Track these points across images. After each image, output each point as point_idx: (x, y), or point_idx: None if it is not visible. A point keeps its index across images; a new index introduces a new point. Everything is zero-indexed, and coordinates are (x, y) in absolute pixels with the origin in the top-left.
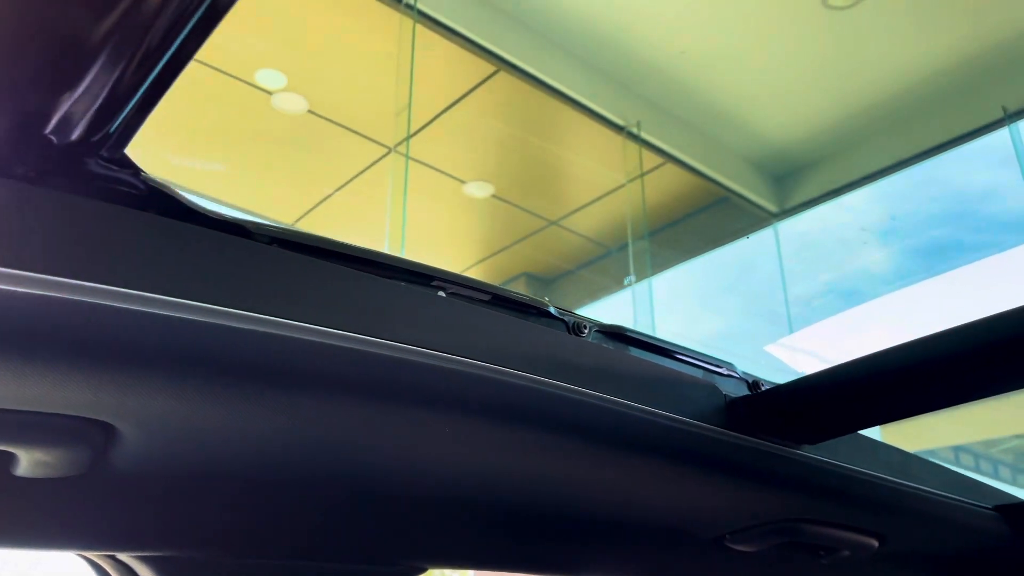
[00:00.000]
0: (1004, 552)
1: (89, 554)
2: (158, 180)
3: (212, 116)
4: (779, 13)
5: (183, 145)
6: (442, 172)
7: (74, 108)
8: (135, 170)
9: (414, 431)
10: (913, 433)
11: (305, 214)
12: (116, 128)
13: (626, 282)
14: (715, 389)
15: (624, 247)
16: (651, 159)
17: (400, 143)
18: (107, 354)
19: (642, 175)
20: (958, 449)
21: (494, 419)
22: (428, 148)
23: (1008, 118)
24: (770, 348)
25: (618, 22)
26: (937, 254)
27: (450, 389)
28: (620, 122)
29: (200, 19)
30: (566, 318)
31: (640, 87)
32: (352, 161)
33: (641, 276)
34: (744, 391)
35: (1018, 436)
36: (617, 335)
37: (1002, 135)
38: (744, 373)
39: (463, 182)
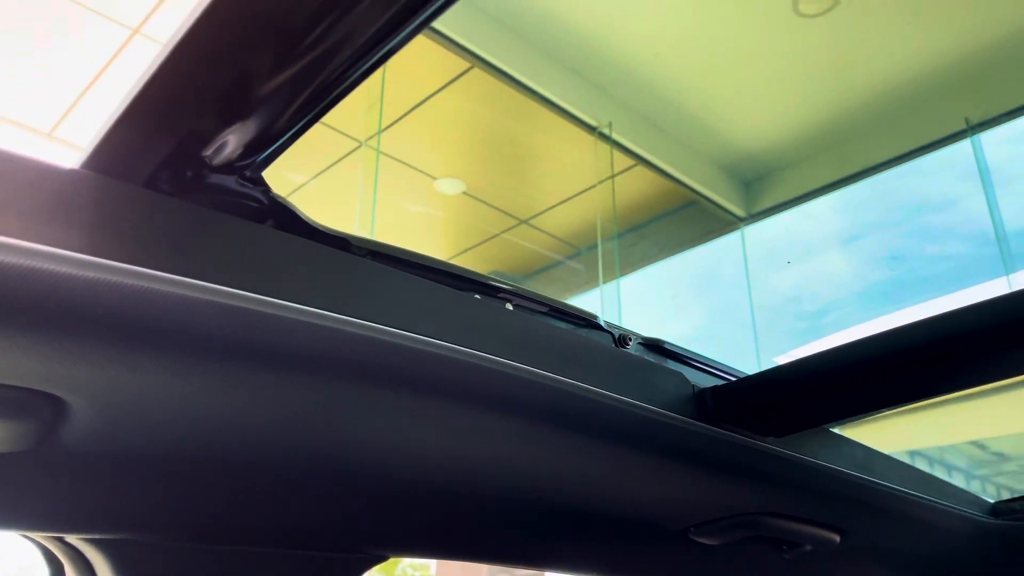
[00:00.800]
0: (965, 551)
1: (35, 535)
2: (282, 198)
3: None
4: (751, 20)
5: None
6: (413, 168)
7: (234, 135)
8: (265, 188)
9: (377, 415)
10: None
11: None
12: (265, 155)
13: (579, 267)
14: (683, 379)
15: (594, 247)
16: (622, 160)
17: (371, 137)
18: (56, 321)
19: (613, 176)
20: (914, 453)
21: (467, 407)
22: (400, 143)
23: (970, 129)
24: (735, 350)
25: (593, 23)
26: (896, 263)
27: (427, 375)
28: (592, 123)
29: (366, 64)
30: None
31: (613, 89)
32: (322, 154)
33: (609, 277)
34: (710, 382)
35: (971, 442)
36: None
37: (964, 146)
38: (711, 365)
39: (434, 178)
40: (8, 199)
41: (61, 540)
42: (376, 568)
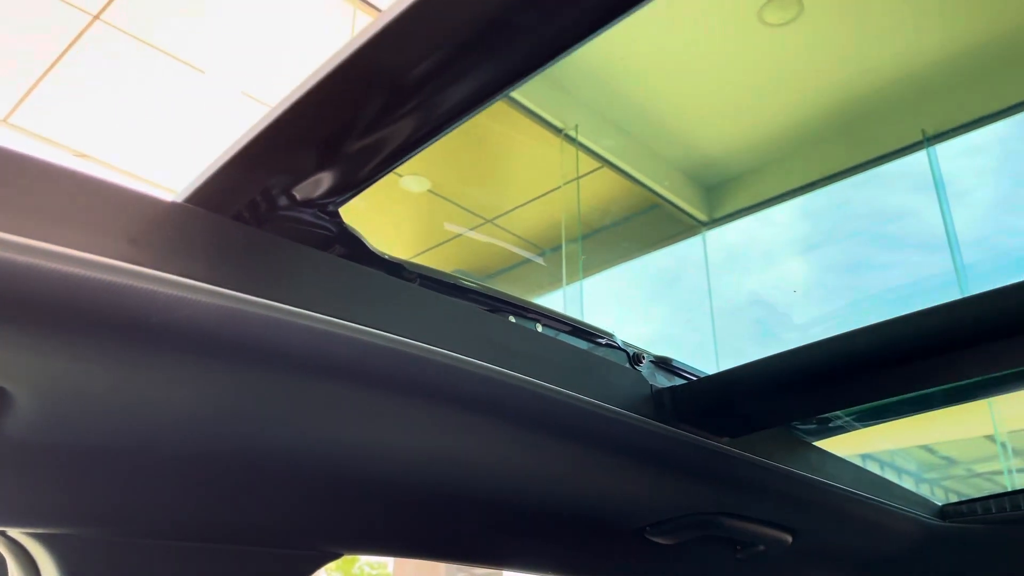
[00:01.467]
0: (914, 552)
1: None
2: (352, 228)
3: (141, 91)
4: (717, 27)
5: (108, 120)
6: None
7: (327, 176)
8: (339, 220)
9: (330, 410)
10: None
11: None
12: (348, 195)
13: (542, 260)
14: (641, 378)
15: (558, 248)
16: (587, 163)
17: None
18: None
19: (578, 178)
20: (866, 456)
21: (420, 401)
22: None
23: (927, 141)
24: (695, 352)
25: None
26: (853, 271)
27: (374, 368)
28: (559, 124)
29: (464, 117)
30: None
31: (579, 91)
32: None
33: (573, 278)
34: (667, 382)
35: (921, 446)
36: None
37: (920, 158)
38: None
39: (400, 175)
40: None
41: (3, 535)
42: (333, 565)
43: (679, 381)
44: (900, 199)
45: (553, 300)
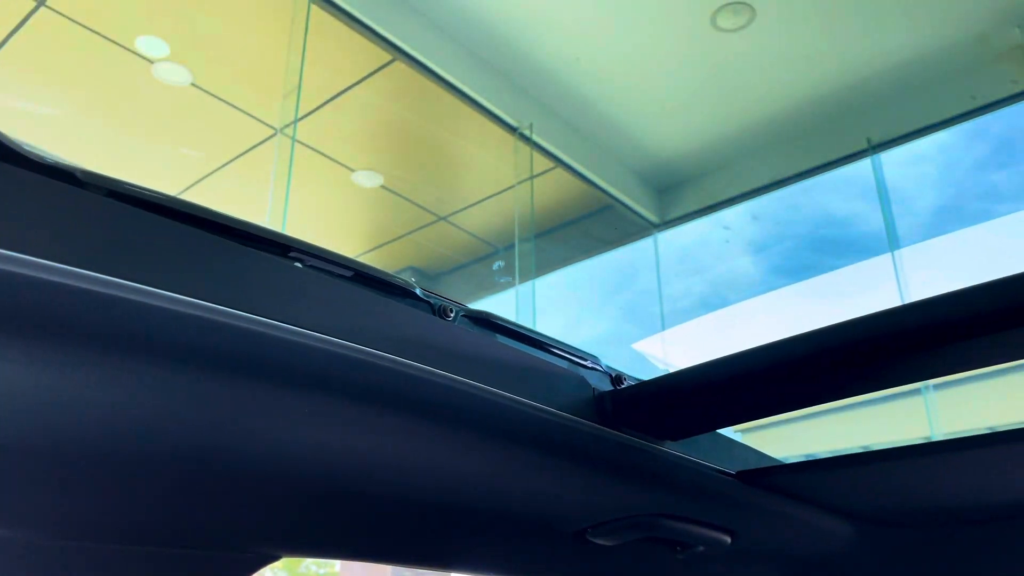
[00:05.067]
0: (852, 555)
1: None
2: None
3: (88, 82)
4: (671, 31)
5: (56, 109)
6: (330, 158)
7: None
8: None
9: (265, 409)
10: (763, 443)
11: (184, 190)
12: None
13: (495, 267)
14: (583, 381)
15: (511, 247)
16: (541, 162)
17: (288, 125)
18: None
19: (532, 177)
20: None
21: (353, 400)
22: (317, 133)
23: (871, 149)
24: (644, 351)
25: (517, 24)
26: (800, 274)
27: (306, 366)
28: (513, 123)
29: None
30: (432, 300)
31: (535, 90)
32: (236, 140)
33: (526, 277)
34: (608, 385)
35: (861, 447)
36: (484, 321)
37: (865, 165)
38: (608, 367)
39: (352, 170)
40: None
41: None
42: (279, 565)
43: (501, 337)
44: (846, 205)
45: (506, 299)
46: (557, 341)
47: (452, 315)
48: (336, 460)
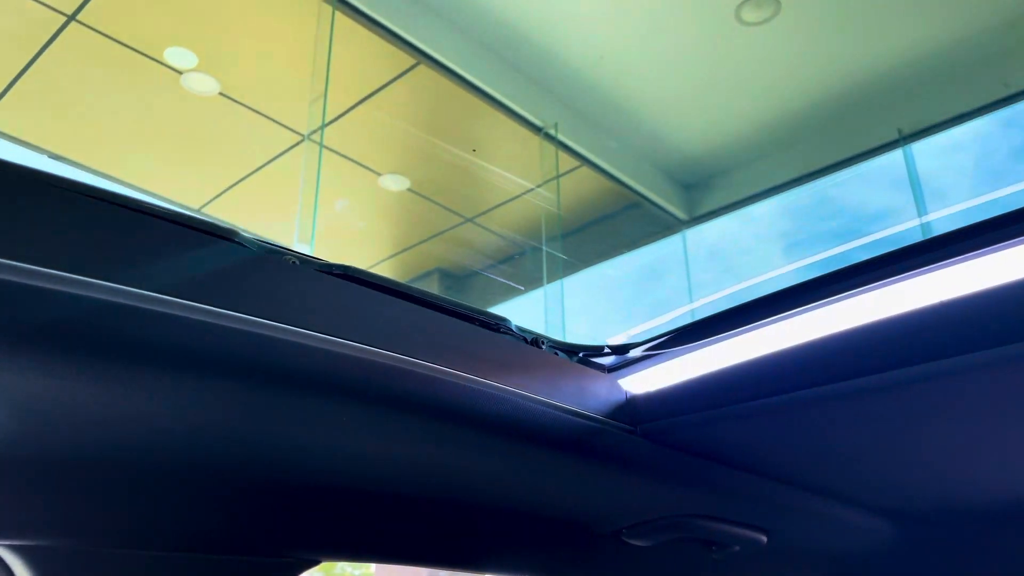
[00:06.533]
0: (889, 554)
1: None
2: None
3: (118, 94)
4: (695, 26)
5: (86, 122)
6: (357, 163)
7: None
8: None
9: (304, 419)
10: None
11: (213, 199)
12: None
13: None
14: (616, 385)
15: (538, 247)
16: (567, 161)
17: (315, 131)
18: None
19: (558, 176)
20: None
21: (390, 408)
22: (344, 138)
23: (903, 140)
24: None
25: (539, 23)
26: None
27: (346, 377)
28: (538, 123)
29: None
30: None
31: (559, 90)
32: (264, 147)
33: (553, 277)
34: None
35: None
36: (348, 276)
37: (896, 156)
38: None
39: (379, 174)
40: None
41: None
42: (316, 568)
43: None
44: (878, 197)
45: (534, 299)
46: (449, 300)
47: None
48: (374, 467)
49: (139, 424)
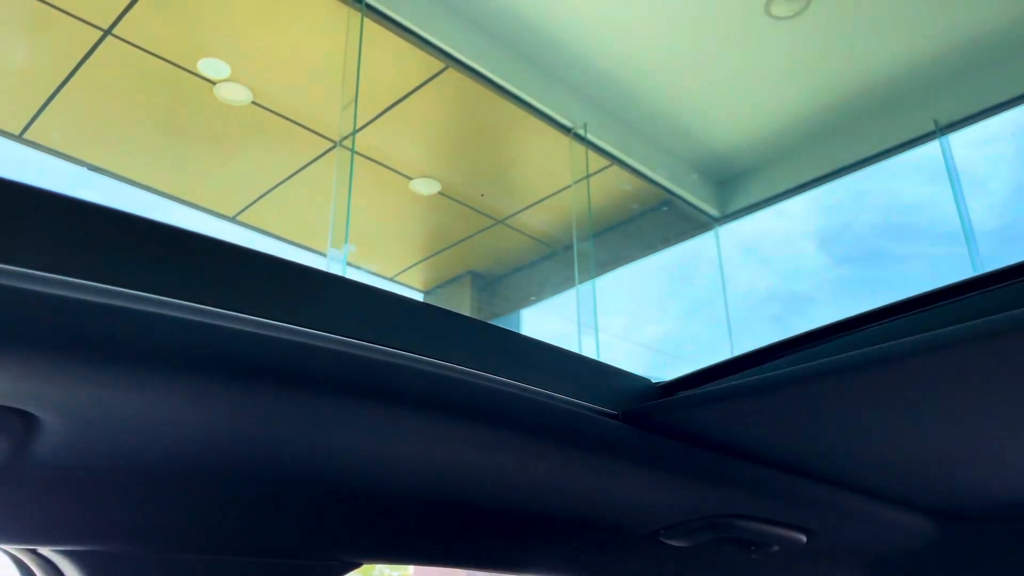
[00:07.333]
0: (931, 553)
1: (9, 547)
2: None
3: (153, 105)
4: (724, 21)
5: (123, 133)
6: (388, 168)
7: None
8: None
9: (349, 424)
10: None
11: (248, 206)
12: None
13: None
14: (651, 385)
15: (569, 247)
16: (597, 161)
17: (346, 137)
18: (25, 340)
19: (588, 176)
20: None
21: (429, 412)
22: (375, 143)
23: (939, 131)
24: (710, 349)
25: (567, 24)
26: (869, 262)
27: (384, 381)
28: (567, 123)
29: None
30: None
31: (587, 90)
32: (297, 154)
33: (585, 277)
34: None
35: None
36: None
37: (933, 147)
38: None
39: (410, 178)
40: None
41: (34, 552)
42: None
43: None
44: (915, 189)
45: (566, 299)
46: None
47: None
48: (414, 469)
49: (186, 432)
